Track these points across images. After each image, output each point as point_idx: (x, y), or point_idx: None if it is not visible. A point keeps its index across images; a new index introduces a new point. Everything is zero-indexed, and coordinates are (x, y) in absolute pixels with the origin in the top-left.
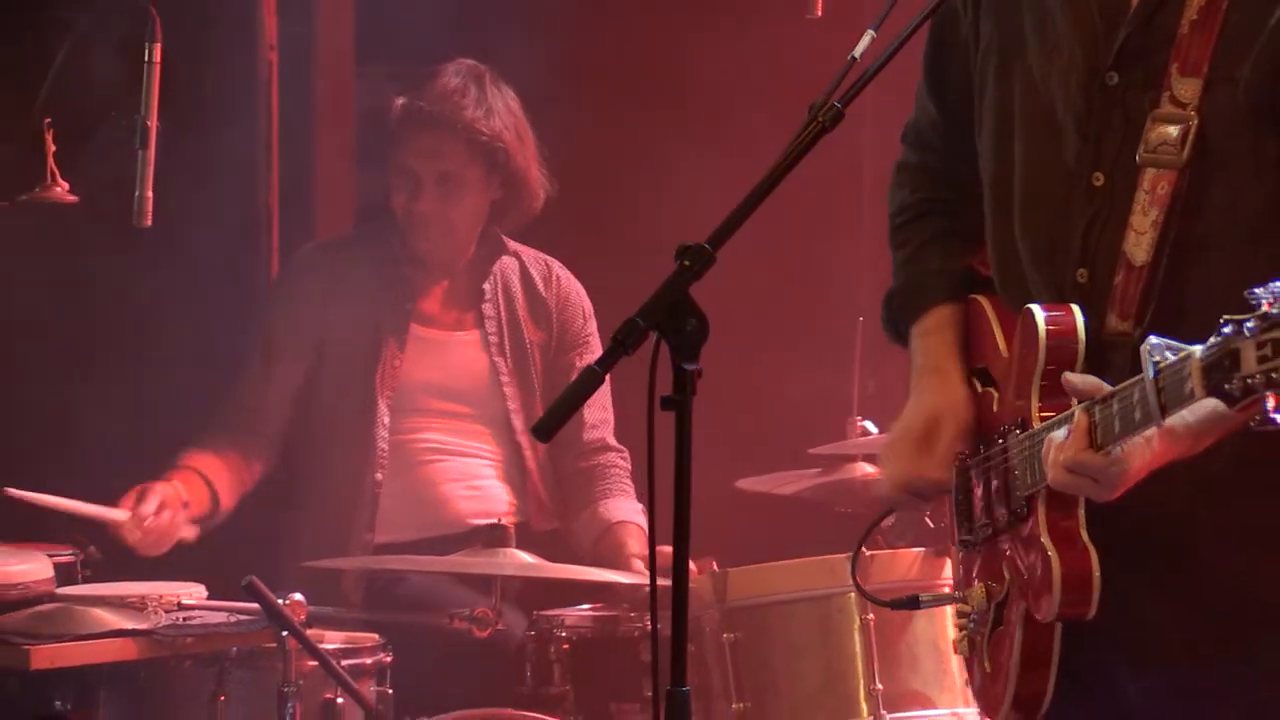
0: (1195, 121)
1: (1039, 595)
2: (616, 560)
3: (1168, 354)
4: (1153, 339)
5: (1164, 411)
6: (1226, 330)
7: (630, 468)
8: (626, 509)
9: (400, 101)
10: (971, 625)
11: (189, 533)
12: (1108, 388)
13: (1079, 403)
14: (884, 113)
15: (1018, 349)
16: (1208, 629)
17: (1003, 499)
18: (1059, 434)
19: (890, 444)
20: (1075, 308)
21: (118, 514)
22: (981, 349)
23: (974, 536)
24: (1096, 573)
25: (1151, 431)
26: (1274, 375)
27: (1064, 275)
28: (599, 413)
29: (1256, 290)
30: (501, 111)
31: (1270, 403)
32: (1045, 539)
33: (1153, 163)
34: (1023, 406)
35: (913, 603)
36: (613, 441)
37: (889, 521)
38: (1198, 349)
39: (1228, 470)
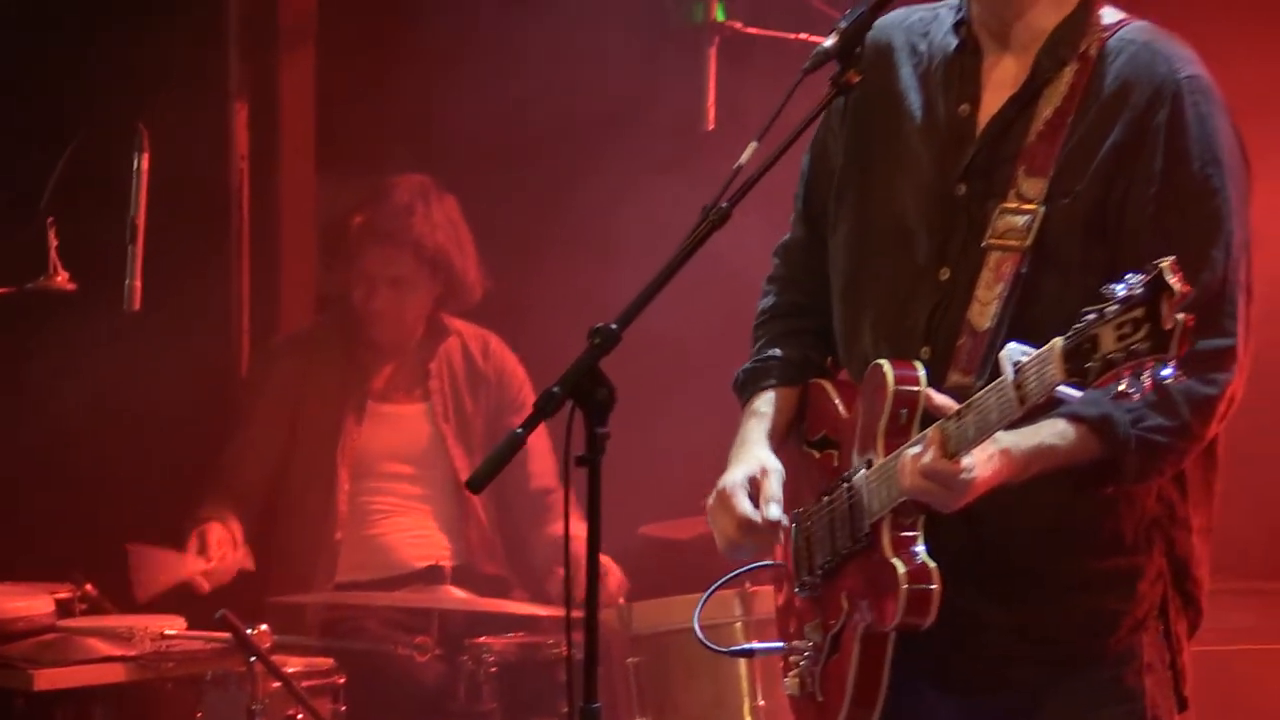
0: (1042, 211)
1: (883, 606)
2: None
3: (1025, 356)
4: (1012, 344)
5: (1023, 402)
6: (1089, 317)
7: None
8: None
9: (359, 220)
10: (804, 663)
11: (246, 563)
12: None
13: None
14: (769, 209)
15: (864, 402)
16: (1031, 662)
17: (847, 531)
18: (914, 449)
19: (711, 509)
20: (918, 362)
21: (198, 566)
22: (821, 419)
23: (813, 577)
24: (936, 585)
25: (995, 449)
26: (1134, 347)
27: (908, 354)
28: (540, 463)
29: (1111, 285)
30: (444, 224)
31: (1125, 379)
32: (891, 556)
33: (999, 247)
34: (869, 446)
35: (747, 652)
36: (555, 484)
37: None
38: (1059, 340)
39: (1068, 522)
